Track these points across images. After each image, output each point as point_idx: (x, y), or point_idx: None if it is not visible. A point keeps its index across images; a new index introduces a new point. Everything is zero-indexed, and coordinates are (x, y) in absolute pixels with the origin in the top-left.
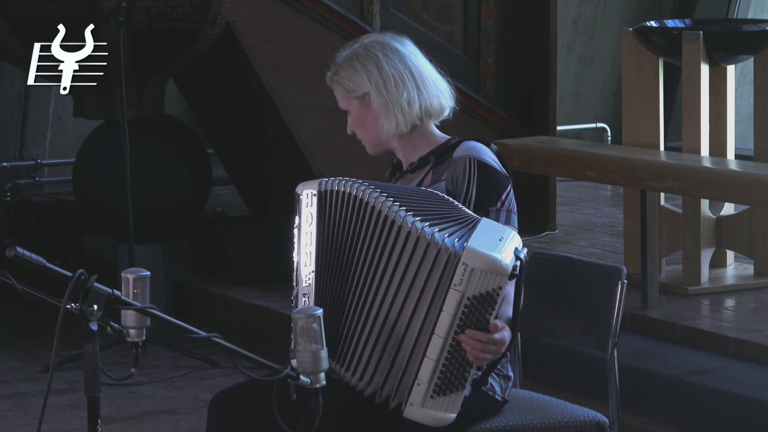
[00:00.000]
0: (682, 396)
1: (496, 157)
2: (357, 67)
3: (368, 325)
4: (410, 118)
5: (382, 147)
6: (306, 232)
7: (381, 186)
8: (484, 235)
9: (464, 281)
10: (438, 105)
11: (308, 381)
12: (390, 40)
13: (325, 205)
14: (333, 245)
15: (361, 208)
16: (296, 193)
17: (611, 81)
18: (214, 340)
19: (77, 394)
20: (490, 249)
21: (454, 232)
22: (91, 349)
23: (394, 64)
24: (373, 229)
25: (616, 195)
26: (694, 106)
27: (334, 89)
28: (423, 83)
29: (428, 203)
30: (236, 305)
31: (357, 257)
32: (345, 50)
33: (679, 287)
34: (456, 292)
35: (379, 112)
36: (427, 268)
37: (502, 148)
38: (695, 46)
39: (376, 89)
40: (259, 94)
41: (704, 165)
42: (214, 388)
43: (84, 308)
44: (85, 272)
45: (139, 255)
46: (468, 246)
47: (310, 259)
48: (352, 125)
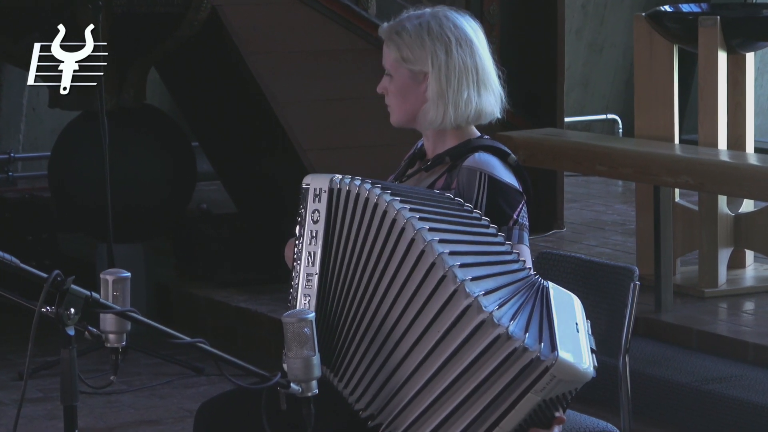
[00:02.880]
0: (698, 405)
1: (510, 171)
2: (425, 41)
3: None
4: (461, 117)
5: (409, 124)
6: (311, 229)
7: (401, 192)
8: (564, 326)
9: (547, 389)
10: (490, 112)
11: (299, 389)
12: (463, 24)
13: (337, 205)
14: (343, 254)
15: (382, 221)
16: (303, 186)
17: (623, 69)
18: (199, 345)
19: (53, 404)
20: (579, 357)
21: (523, 315)
22: (68, 355)
23: (464, 57)
24: (401, 257)
25: (628, 191)
26: (711, 96)
27: (387, 46)
28: (484, 85)
29: (460, 223)
30: (223, 309)
31: (373, 277)
32: (414, 10)
33: (694, 289)
34: (535, 397)
35: (430, 97)
36: (496, 360)
37: (506, 141)
38: (712, 32)
39: (437, 75)
40: (247, 84)
41: (721, 159)
42: (200, 397)
43: (60, 312)
44: (62, 273)
45: (119, 255)
46: (561, 359)
47: (313, 259)
48: (388, 89)
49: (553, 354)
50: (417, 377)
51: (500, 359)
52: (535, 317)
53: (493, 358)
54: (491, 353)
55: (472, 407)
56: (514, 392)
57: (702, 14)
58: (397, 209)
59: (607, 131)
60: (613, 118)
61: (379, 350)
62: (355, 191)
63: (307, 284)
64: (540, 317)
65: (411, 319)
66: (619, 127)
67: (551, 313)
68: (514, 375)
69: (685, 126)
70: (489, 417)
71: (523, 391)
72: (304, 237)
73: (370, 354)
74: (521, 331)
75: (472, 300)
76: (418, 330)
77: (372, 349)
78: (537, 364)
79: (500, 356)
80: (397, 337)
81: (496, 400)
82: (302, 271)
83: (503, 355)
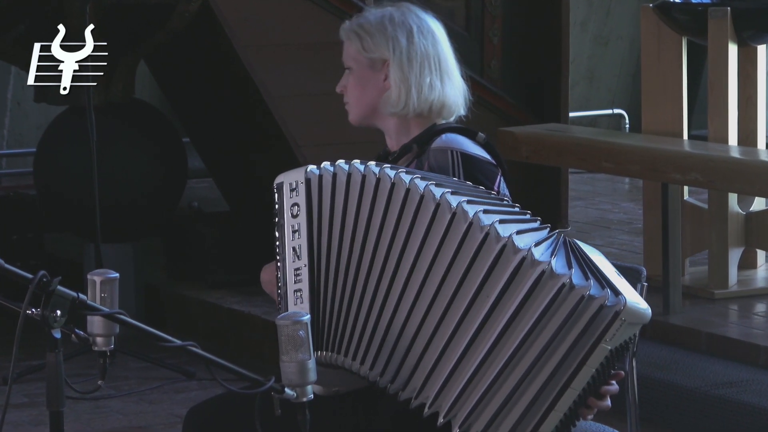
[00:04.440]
0: (707, 411)
1: (482, 148)
2: (387, 28)
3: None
4: (424, 103)
5: (368, 119)
6: (291, 224)
7: (392, 167)
8: (609, 273)
9: (616, 336)
10: (454, 104)
11: (294, 394)
12: (426, 17)
13: (320, 192)
14: (339, 236)
15: (385, 190)
16: (276, 185)
17: (629, 63)
18: (190, 349)
19: (39, 409)
20: (637, 297)
21: (575, 265)
22: (54, 359)
23: (426, 45)
24: (427, 223)
25: (635, 189)
26: (721, 90)
27: (348, 40)
28: (447, 76)
29: (464, 188)
30: (215, 310)
31: (389, 250)
32: (375, 6)
33: (704, 291)
34: (606, 346)
35: (392, 82)
36: (563, 313)
37: (508, 137)
38: (722, 24)
39: (399, 60)
40: (240, 78)
41: (732, 155)
42: (190, 403)
43: (46, 314)
44: (48, 274)
45: (107, 255)
46: (629, 302)
47: (299, 252)
48: (347, 85)
49: (618, 298)
50: (474, 347)
51: (568, 311)
52: (585, 267)
53: (561, 311)
54: (557, 306)
55: (544, 368)
56: (585, 345)
57: (712, 5)
58: (407, 181)
59: (613, 126)
60: (620, 113)
61: (405, 322)
62: (343, 173)
63: (296, 279)
64: (587, 266)
65: (454, 286)
66: (626, 123)
67: (594, 262)
68: (584, 325)
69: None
70: (561, 377)
71: (594, 341)
72: (285, 235)
73: (395, 328)
74: (582, 279)
75: (526, 252)
76: (465, 297)
77: (396, 323)
78: (607, 311)
79: (567, 308)
80: (429, 306)
81: (568, 356)
82: (288, 269)
83: (570, 306)
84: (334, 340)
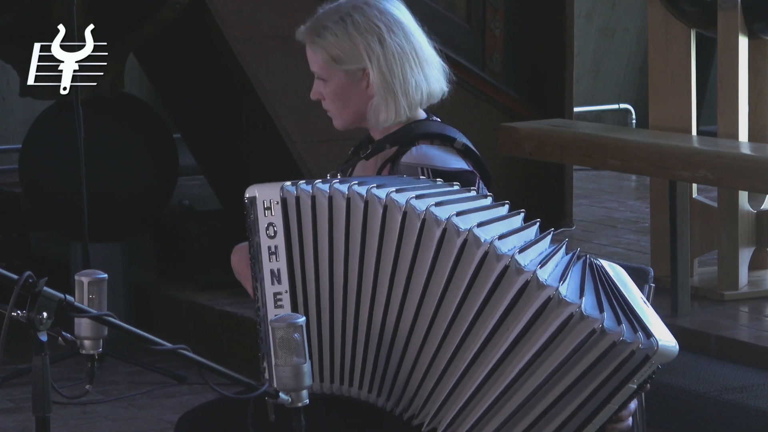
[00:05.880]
0: (717, 417)
1: (458, 156)
2: (354, 36)
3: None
4: (414, 105)
5: (356, 124)
6: (268, 245)
7: (369, 182)
8: (636, 304)
9: (644, 375)
10: (439, 89)
11: (289, 399)
12: (387, 5)
13: (298, 215)
14: (327, 261)
15: (385, 215)
16: (248, 199)
17: (636, 55)
18: (181, 352)
19: (24, 414)
20: (667, 335)
21: (605, 303)
22: (40, 362)
23: (400, 42)
24: (414, 243)
25: (642, 186)
26: (731, 84)
27: (312, 50)
28: (426, 64)
29: (456, 198)
30: (206, 312)
31: (377, 274)
32: (330, 7)
33: (713, 292)
34: (632, 386)
35: (377, 92)
36: (592, 356)
37: (510, 133)
38: (732, 16)
39: (378, 68)
40: (232, 71)
41: (742, 152)
42: (181, 408)
43: (32, 316)
44: (33, 275)
45: (95, 255)
46: (661, 345)
47: (277, 277)
48: (324, 94)
49: (650, 341)
50: (488, 385)
51: (598, 355)
52: (615, 303)
53: (591, 355)
54: (586, 350)
55: (566, 408)
56: (612, 385)
57: None
58: (381, 198)
59: (619, 122)
60: (626, 108)
61: (403, 349)
62: (324, 195)
63: (276, 304)
64: (618, 302)
65: (454, 307)
66: (633, 118)
67: (624, 295)
68: (614, 368)
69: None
70: (584, 414)
71: (621, 382)
72: (262, 255)
73: (396, 353)
74: (613, 322)
75: (554, 292)
76: (483, 329)
77: (397, 346)
78: (639, 354)
79: (598, 352)
80: (428, 328)
81: (593, 396)
82: (267, 291)
83: (601, 351)
84: (332, 369)
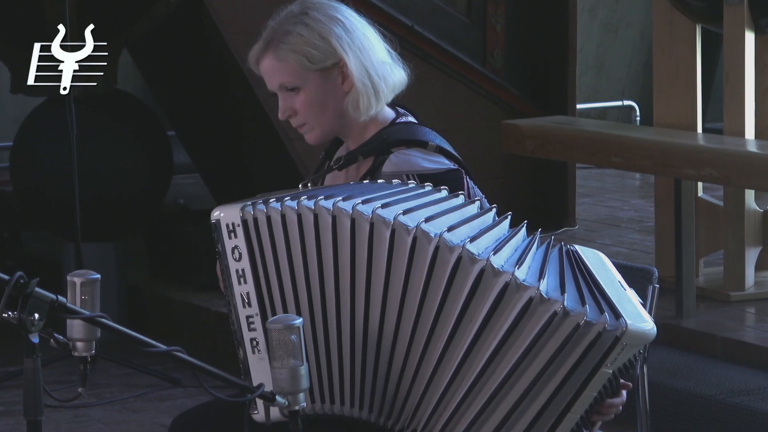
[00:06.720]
0: (722, 420)
1: (436, 156)
2: (321, 31)
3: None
4: (390, 88)
5: (333, 133)
6: (236, 269)
7: (335, 193)
8: (610, 287)
9: (618, 359)
10: (401, 77)
11: (285, 402)
12: (330, 2)
13: (258, 236)
14: (290, 280)
15: (327, 225)
16: (213, 222)
17: (640, 51)
18: (175, 354)
19: (16, 418)
20: (640, 318)
21: (570, 285)
22: (32, 365)
23: (360, 27)
24: (386, 253)
25: (646, 185)
26: (737, 80)
27: (278, 62)
28: (387, 52)
29: (427, 202)
30: (201, 314)
31: (348, 288)
32: (278, 18)
33: (719, 293)
34: (606, 371)
35: (356, 81)
36: (557, 340)
37: (512, 130)
38: (738, 11)
39: (354, 54)
40: (228, 68)
41: (749, 150)
42: (176, 411)
43: (23, 317)
44: (25, 275)
45: (88, 255)
46: (629, 326)
47: (248, 300)
48: (296, 108)
49: (618, 322)
50: (462, 374)
51: (562, 338)
52: (582, 285)
53: (555, 339)
54: (549, 333)
55: (539, 395)
56: (584, 371)
57: None
58: (347, 209)
59: (623, 119)
60: (630, 105)
61: (377, 357)
62: (277, 213)
63: (249, 327)
64: (587, 284)
65: (433, 313)
66: (637, 115)
67: (594, 277)
68: (582, 352)
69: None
70: (560, 403)
71: (594, 367)
72: (232, 278)
73: (375, 365)
74: (577, 303)
75: (509, 277)
76: (447, 323)
77: (383, 359)
78: (607, 336)
79: (562, 335)
80: (406, 339)
81: (566, 382)
82: (240, 314)
83: (565, 334)
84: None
